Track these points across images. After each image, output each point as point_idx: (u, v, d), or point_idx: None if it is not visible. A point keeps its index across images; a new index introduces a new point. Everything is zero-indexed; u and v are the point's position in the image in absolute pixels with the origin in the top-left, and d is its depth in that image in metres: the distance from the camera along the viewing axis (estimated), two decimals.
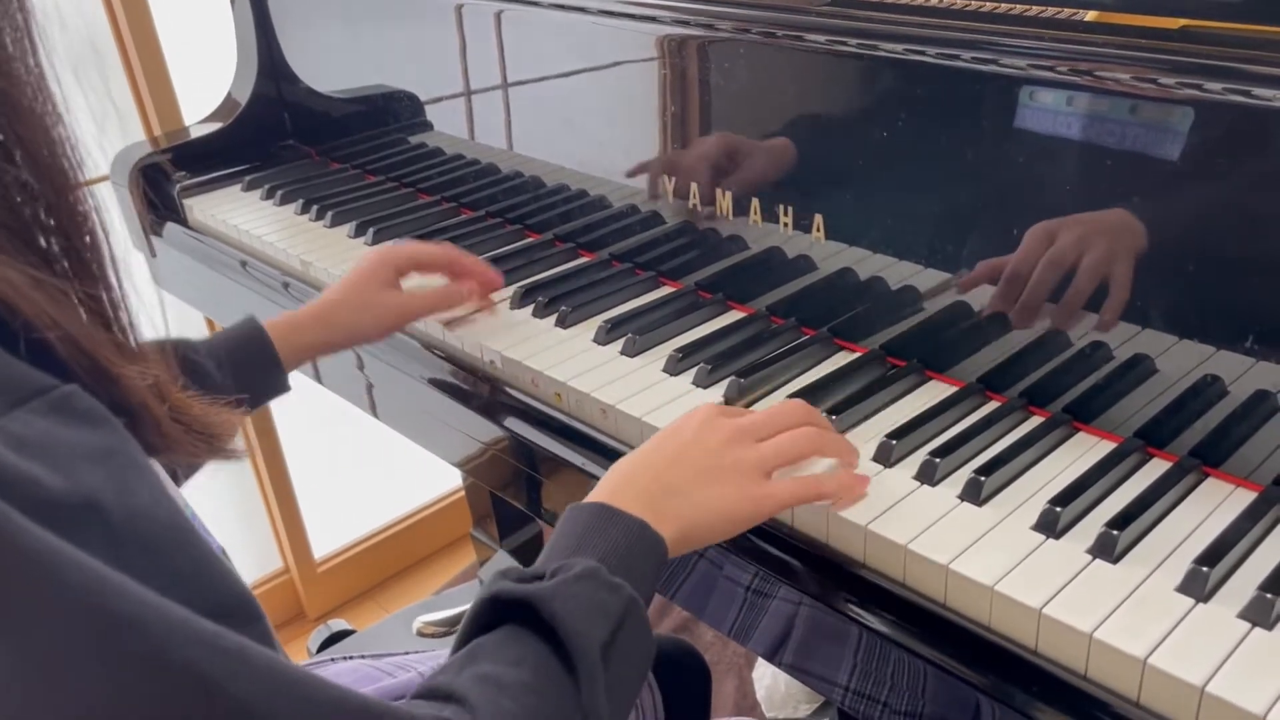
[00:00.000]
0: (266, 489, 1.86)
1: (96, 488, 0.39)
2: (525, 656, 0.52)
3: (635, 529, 0.59)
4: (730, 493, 0.64)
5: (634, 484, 0.63)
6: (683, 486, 0.63)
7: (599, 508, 0.61)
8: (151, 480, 0.43)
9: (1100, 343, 0.73)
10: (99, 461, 0.40)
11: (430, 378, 0.97)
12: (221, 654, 0.39)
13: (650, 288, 1.00)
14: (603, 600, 0.54)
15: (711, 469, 0.64)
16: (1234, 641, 0.56)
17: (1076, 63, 0.67)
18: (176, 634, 0.38)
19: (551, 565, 0.56)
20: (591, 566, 0.55)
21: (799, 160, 0.86)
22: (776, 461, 0.66)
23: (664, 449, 0.66)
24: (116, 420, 0.43)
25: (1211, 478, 0.69)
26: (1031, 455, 0.72)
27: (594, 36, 0.97)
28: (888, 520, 0.67)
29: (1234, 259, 0.66)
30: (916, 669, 0.63)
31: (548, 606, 0.52)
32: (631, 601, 0.55)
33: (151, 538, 0.41)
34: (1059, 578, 0.61)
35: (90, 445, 0.40)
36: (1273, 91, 0.60)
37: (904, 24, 0.76)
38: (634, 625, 0.55)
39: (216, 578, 0.43)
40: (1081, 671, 0.58)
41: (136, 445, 0.43)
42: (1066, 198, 0.71)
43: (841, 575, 0.68)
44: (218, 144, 1.38)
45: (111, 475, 0.40)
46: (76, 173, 0.45)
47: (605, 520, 0.60)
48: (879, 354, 0.85)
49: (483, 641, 0.53)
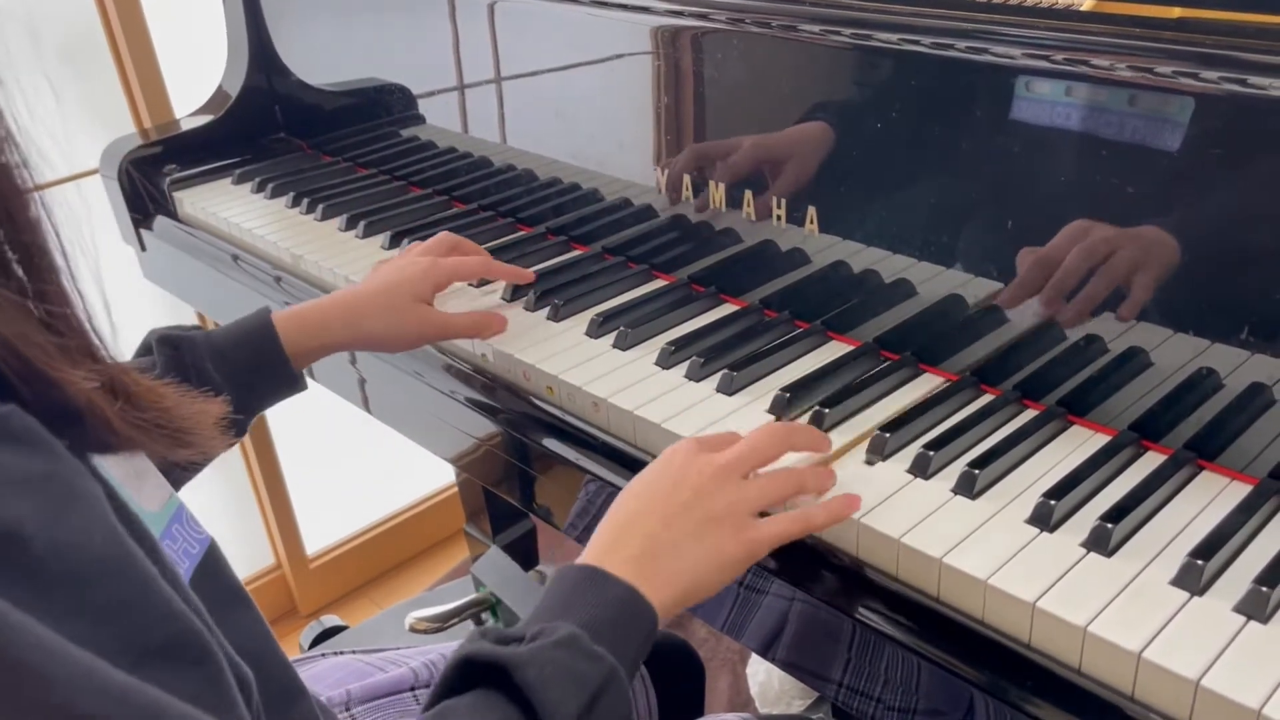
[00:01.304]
0: (259, 484, 1.86)
1: (21, 518, 0.37)
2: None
3: (625, 596, 0.57)
4: (724, 542, 0.62)
5: (624, 540, 0.61)
6: (677, 542, 0.61)
7: (588, 571, 0.59)
8: (89, 507, 0.40)
9: (1095, 336, 0.73)
10: (30, 489, 0.38)
11: (422, 373, 0.96)
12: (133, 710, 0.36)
13: (643, 281, 1.00)
14: (581, 670, 0.52)
15: (703, 520, 0.62)
16: (1229, 635, 0.56)
17: (1072, 52, 0.67)
18: (83, 687, 0.35)
19: (533, 628, 0.54)
20: (573, 633, 0.54)
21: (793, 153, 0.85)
22: (762, 504, 0.65)
23: (651, 497, 0.63)
24: (54, 441, 0.40)
25: (1206, 471, 0.69)
26: (1026, 448, 0.71)
27: (587, 28, 0.97)
28: (881, 514, 0.66)
29: (1229, 252, 0.66)
30: (910, 664, 0.62)
31: (522, 673, 0.51)
32: (612, 672, 0.53)
33: (79, 570, 0.38)
34: (1053, 571, 0.61)
35: (22, 471, 0.38)
36: (1268, 80, 0.59)
37: (898, 13, 0.75)
38: (613, 698, 0.53)
39: (156, 612, 0.40)
40: (1076, 666, 0.58)
41: (77, 468, 0.41)
42: (1061, 189, 0.71)
43: (834, 569, 0.67)
44: (208, 137, 1.37)
45: (41, 505, 0.38)
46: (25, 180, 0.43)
47: (593, 585, 0.58)
48: (873, 347, 0.84)
49: (454, 704, 0.52)
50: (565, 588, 0.58)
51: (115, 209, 1.35)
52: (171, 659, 0.40)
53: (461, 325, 0.90)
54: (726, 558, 0.62)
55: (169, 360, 0.77)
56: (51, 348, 0.42)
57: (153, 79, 1.56)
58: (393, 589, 2.02)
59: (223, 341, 0.80)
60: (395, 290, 0.87)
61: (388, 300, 0.87)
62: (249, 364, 0.81)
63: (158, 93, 1.57)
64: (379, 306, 0.87)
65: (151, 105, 1.56)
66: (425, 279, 0.89)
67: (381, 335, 0.87)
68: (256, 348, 0.81)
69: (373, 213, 1.18)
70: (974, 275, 0.77)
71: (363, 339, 0.87)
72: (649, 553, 0.60)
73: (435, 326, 0.89)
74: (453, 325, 0.90)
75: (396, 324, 0.87)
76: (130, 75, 1.54)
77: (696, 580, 0.61)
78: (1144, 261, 0.68)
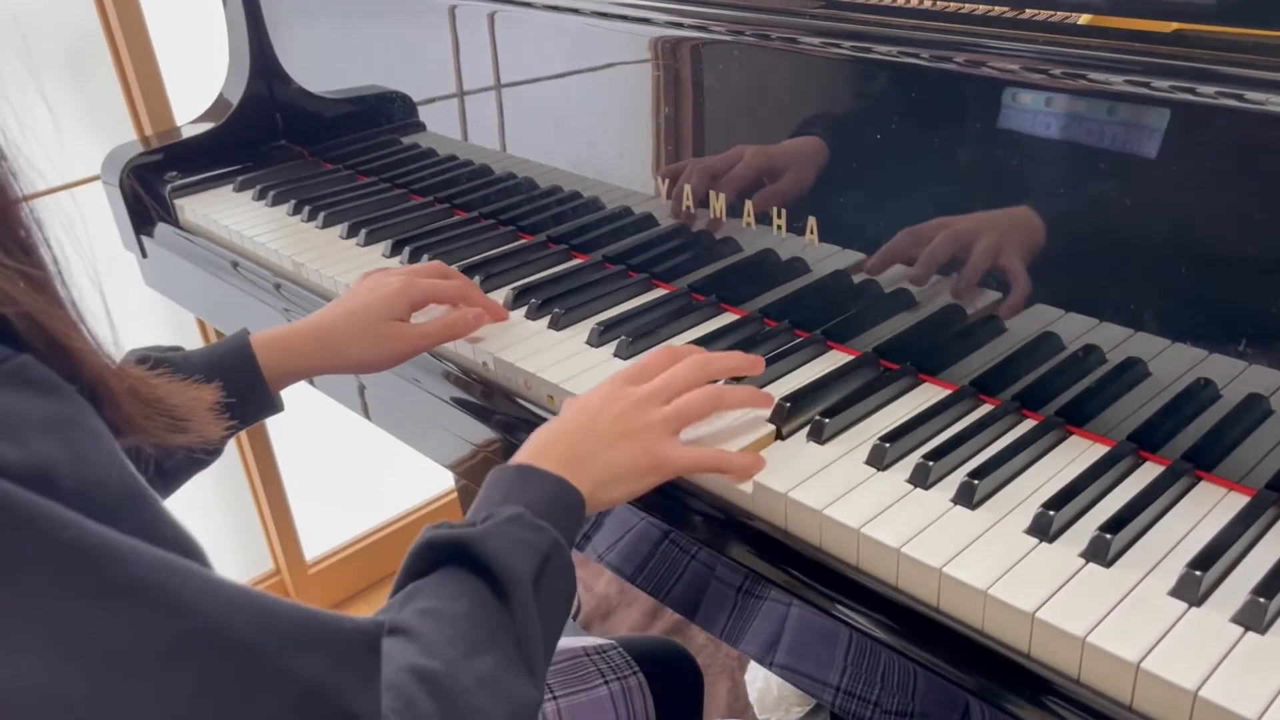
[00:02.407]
0: (258, 489, 1.86)
1: (50, 458, 0.40)
2: (462, 592, 0.57)
3: (554, 484, 0.66)
4: (634, 452, 0.70)
5: (550, 450, 0.69)
6: (593, 450, 0.69)
7: (522, 467, 0.67)
8: (106, 446, 0.43)
9: (1093, 346, 0.73)
10: (52, 431, 0.41)
11: (422, 380, 0.97)
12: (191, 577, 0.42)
13: (644, 290, 1.00)
14: (530, 539, 0.60)
15: (618, 434, 0.70)
16: (1227, 645, 0.56)
17: (1070, 66, 0.67)
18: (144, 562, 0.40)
19: (481, 514, 0.61)
20: (518, 511, 0.61)
21: (794, 163, 0.86)
22: (679, 422, 0.72)
23: (576, 419, 0.71)
24: (70, 387, 0.43)
25: (1205, 481, 0.69)
26: (1025, 459, 0.72)
27: (587, 38, 0.97)
28: (881, 523, 0.67)
29: (1226, 263, 0.66)
30: (908, 672, 0.63)
31: (480, 545, 0.58)
32: (555, 542, 0.61)
33: (105, 505, 0.41)
34: (1052, 581, 0.61)
35: (44, 415, 0.41)
36: (1265, 95, 0.60)
37: (898, 26, 0.76)
38: (558, 563, 0.61)
39: (170, 537, 0.44)
40: (1074, 676, 0.58)
41: (90, 410, 0.44)
42: (1059, 201, 0.71)
43: (834, 578, 0.67)
44: (209, 144, 1.37)
45: (64, 445, 0.41)
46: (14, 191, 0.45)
47: (527, 477, 0.66)
48: (872, 357, 0.85)
49: (420, 584, 0.58)
50: (503, 483, 0.65)
51: (116, 216, 1.35)
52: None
53: (436, 332, 0.90)
54: (634, 462, 0.70)
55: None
56: (68, 322, 0.46)
57: (154, 86, 1.56)
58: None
59: (201, 363, 0.81)
60: (365, 313, 0.88)
61: (360, 324, 0.87)
62: (226, 386, 0.79)
63: (159, 100, 1.57)
64: (352, 331, 0.87)
65: (153, 112, 1.57)
66: (400, 297, 0.89)
67: (358, 358, 0.88)
68: (235, 370, 0.82)
69: (373, 220, 1.18)
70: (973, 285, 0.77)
71: (340, 363, 0.88)
72: (571, 456, 0.68)
73: (410, 342, 0.89)
74: (429, 335, 0.90)
75: (372, 347, 0.87)
76: (132, 82, 1.55)
77: (612, 478, 0.69)
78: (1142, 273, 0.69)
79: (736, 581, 0.72)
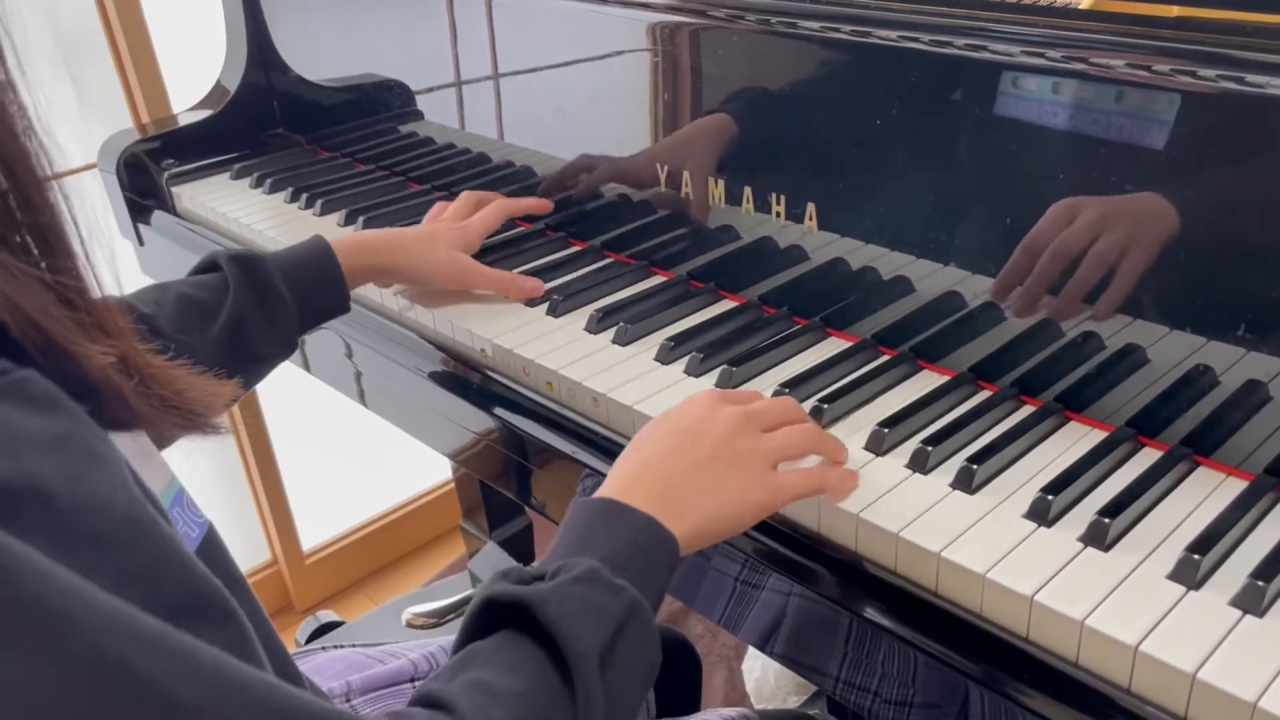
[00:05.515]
0: (254, 479, 1.85)
1: (44, 474, 0.37)
2: (520, 663, 0.50)
3: (643, 526, 0.57)
4: (747, 484, 0.62)
5: (643, 478, 0.61)
6: (695, 479, 0.61)
7: (606, 503, 0.58)
8: (111, 471, 0.40)
9: (1092, 333, 0.73)
10: (51, 449, 0.38)
11: (420, 366, 0.96)
12: (163, 653, 0.37)
13: (642, 277, 1.00)
14: (603, 603, 0.52)
15: (723, 460, 0.62)
16: (1225, 628, 0.56)
17: (1071, 50, 0.67)
18: (112, 631, 0.35)
19: (553, 565, 0.54)
20: (593, 567, 0.53)
21: (791, 149, 0.86)
22: (783, 454, 0.65)
23: (671, 439, 0.63)
24: (75, 406, 0.41)
25: (1203, 466, 0.69)
26: (1023, 444, 0.72)
27: (586, 24, 0.97)
28: (880, 508, 0.67)
29: (1226, 249, 0.66)
30: (907, 657, 0.63)
31: (544, 610, 0.50)
32: (635, 604, 0.53)
33: (103, 531, 0.39)
34: (1050, 566, 0.61)
35: (42, 432, 0.38)
36: (1266, 78, 0.60)
37: (897, 10, 0.75)
38: (637, 630, 0.53)
39: (178, 574, 0.41)
40: (1073, 659, 0.58)
41: (97, 433, 0.41)
42: (1060, 187, 0.71)
43: (833, 564, 0.67)
44: (207, 132, 1.37)
45: (62, 463, 0.38)
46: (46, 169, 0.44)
47: (612, 517, 0.57)
48: (871, 343, 0.85)
49: (478, 647, 0.51)
50: (583, 523, 0.58)
51: (113, 203, 1.35)
52: (197, 619, 0.40)
53: (491, 276, 0.97)
54: (748, 500, 0.62)
55: (242, 278, 0.83)
56: (70, 322, 0.43)
57: (151, 74, 1.55)
58: (389, 585, 2.02)
59: (289, 262, 0.87)
60: (435, 235, 0.99)
61: (428, 240, 0.97)
62: (313, 283, 0.88)
63: (156, 88, 1.56)
64: (420, 243, 0.97)
65: (150, 100, 1.56)
66: (461, 238, 0.99)
67: (419, 266, 0.96)
68: (320, 268, 0.89)
69: (371, 208, 1.18)
70: (972, 272, 0.77)
71: (402, 267, 0.96)
72: (669, 490, 0.60)
73: (469, 271, 0.97)
74: (486, 274, 0.97)
75: (433, 259, 0.96)
76: (128, 70, 1.54)
77: (717, 516, 0.61)
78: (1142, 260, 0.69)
79: (735, 569, 0.72)
